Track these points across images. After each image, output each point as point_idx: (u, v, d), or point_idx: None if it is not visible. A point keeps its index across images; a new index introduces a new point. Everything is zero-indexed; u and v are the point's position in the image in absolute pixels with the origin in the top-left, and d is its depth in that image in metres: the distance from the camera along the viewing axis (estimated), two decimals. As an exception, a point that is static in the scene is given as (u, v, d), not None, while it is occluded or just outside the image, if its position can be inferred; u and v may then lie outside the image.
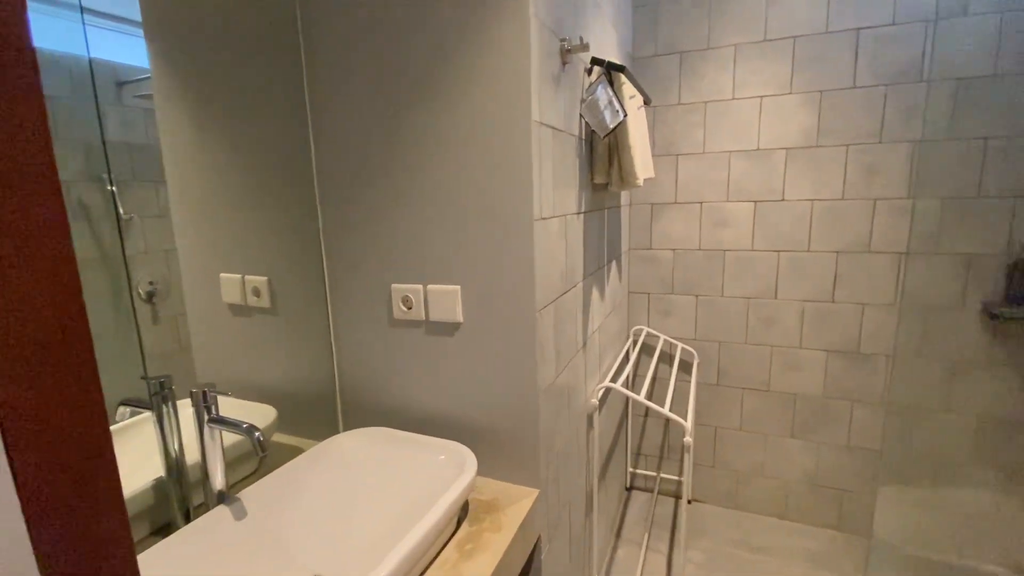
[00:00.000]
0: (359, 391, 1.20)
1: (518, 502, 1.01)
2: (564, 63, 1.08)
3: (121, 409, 0.79)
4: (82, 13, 0.71)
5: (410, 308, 1.09)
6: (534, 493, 1.04)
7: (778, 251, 1.89)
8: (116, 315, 0.77)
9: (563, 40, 1.06)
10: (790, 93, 1.76)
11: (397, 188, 1.05)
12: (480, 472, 1.10)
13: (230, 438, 0.90)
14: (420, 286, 1.07)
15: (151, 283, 0.81)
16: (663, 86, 1.92)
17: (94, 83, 0.73)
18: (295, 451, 1.08)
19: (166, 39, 0.83)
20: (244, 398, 0.99)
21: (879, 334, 1.80)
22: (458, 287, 1.04)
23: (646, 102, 1.53)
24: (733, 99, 1.84)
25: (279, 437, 1.07)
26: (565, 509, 1.27)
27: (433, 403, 1.12)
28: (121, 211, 0.76)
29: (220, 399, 0.86)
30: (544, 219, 1.01)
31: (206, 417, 0.83)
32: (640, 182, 1.33)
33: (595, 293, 1.49)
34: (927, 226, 1.69)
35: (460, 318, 1.05)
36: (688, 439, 1.35)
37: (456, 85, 0.95)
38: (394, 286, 1.10)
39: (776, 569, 1.81)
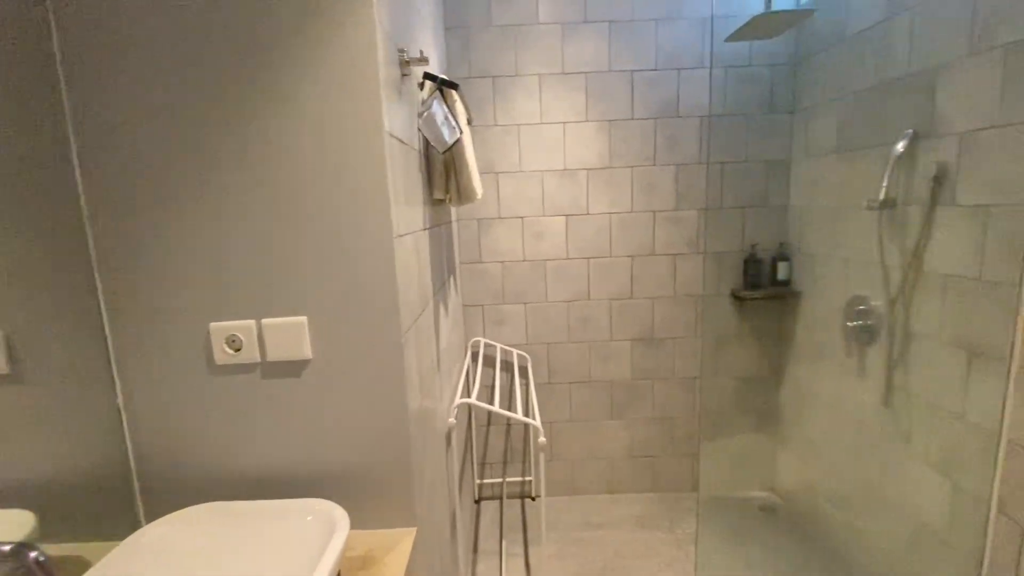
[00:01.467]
0: (167, 464, 0.94)
1: (396, 547, 0.92)
2: (403, 74, 1.04)
3: None
4: None
5: (239, 350, 0.90)
6: (412, 532, 0.96)
7: (588, 258, 2.14)
8: None
9: (401, 51, 1.02)
10: (587, 121, 2.02)
11: (214, 206, 0.86)
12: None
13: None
14: (252, 322, 0.89)
15: None
16: (479, 107, 2.01)
17: None
18: (78, 564, 0.79)
19: None
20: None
21: (666, 322, 2.19)
22: (304, 318, 0.90)
23: (468, 121, 1.57)
24: (542, 123, 2.02)
25: (46, 550, 0.76)
26: (437, 540, 1.21)
27: (277, 459, 0.94)
28: None
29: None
30: (401, 236, 0.94)
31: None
32: (479, 196, 1.36)
33: (442, 310, 1.47)
34: (690, 232, 2.12)
35: (308, 354, 0.91)
36: (542, 439, 1.41)
37: (293, 88, 0.82)
38: (213, 325, 0.89)
39: (613, 539, 2.03)
